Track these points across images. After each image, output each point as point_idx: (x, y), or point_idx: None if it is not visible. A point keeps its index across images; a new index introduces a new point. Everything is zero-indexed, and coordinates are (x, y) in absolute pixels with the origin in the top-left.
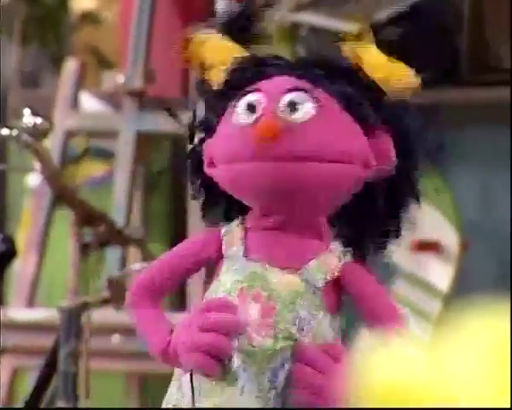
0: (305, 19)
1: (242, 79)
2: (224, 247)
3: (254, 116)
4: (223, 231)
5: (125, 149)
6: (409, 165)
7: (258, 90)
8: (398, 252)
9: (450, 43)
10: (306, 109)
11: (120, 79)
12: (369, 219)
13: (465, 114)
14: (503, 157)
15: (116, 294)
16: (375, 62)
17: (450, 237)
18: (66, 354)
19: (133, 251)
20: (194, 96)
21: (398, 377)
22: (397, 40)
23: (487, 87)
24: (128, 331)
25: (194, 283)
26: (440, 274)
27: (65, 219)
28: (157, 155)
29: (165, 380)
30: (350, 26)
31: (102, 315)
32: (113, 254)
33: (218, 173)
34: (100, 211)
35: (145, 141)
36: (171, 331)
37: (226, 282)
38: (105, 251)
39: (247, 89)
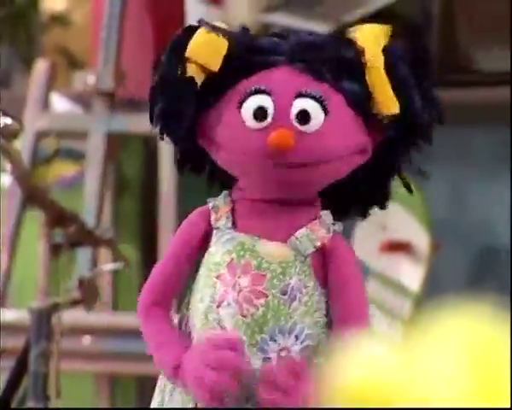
0: (275, 20)
1: (243, 68)
2: (212, 220)
3: (266, 122)
4: (210, 205)
5: (95, 149)
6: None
7: (266, 91)
8: (369, 252)
9: (420, 43)
10: (317, 120)
11: (91, 79)
12: (355, 186)
13: None
14: (473, 158)
15: (87, 294)
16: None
17: (420, 238)
18: (37, 354)
19: (104, 252)
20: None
21: (368, 378)
22: None
23: (458, 88)
24: (99, 332)
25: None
26: (411, 275)
27: (35, 219)
28: (128, 156)
29: (135, 381)
30: (321, 27)
31: (73, 316)
32: (83, 254)
33: (222, 157)
34: (70, 212)
35: (116, 142)
36: (184, 348)
37: (216, 253)
38: (76, 252)
39: (255, 86)
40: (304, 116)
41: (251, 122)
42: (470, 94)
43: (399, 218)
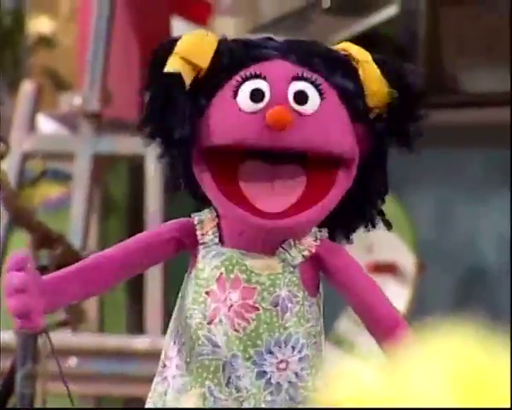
0: None
1: (236, 62)
2: (198, 235)
3: (263, 103)
4: (195, 220)
5: (82, 171)
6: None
7: (260, 76)
8: None
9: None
10: (314, 101)
11: (77, 101)
12: (344, 205)
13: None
14: (459, 179)
15: (73, 316)
16: (370, 71)
17: (406, 259)
18: (23, 376)
19: None
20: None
21: (354, 399)
22: None
23: (444, 109)
24: (85, 354)
25: (151, 306)
26: (397, 296)
27: (22, 240)
28: (114, 177)
29: (121, 403)
30: None
31: (59, 338)
32: None
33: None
34: (57, 233)
35: (102, 163)
36: None
37: (204, 269)
38: None
39: (248, 72)
40: (301, 97)
41: (248, 105)
42: (456, 115)
43: (385, 239)
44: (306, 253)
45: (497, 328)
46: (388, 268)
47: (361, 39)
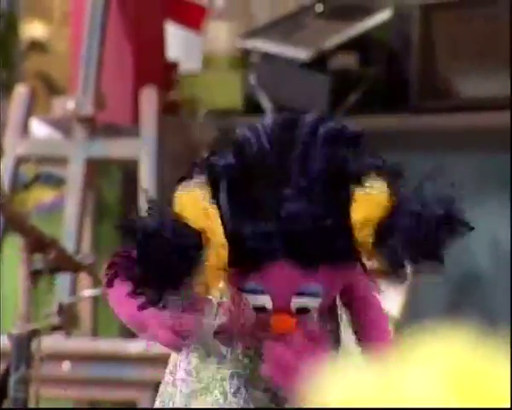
0: (256, 45)
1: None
2: None
3: (266, 313)
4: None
5: (75, 175)
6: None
7: (264, 291)
8: None
9: (400, 69)
10: (315, 306)
11: (71, 105)
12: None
13: (414, 140)
14: (453, 185)
15: (67, 320)
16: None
17: None
18: (17, 380)
19: (83, 278)
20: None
21: (348, 402)
22: (348, 68)
23: (437, 114)
24: (78, 358)
25: None
26: (391, 300)
27: (15, 245)
28: (107, 182)
29: (115, 407)
30: (299, 53)
31: (53, 342)
32: (63, 280)
33: None
34: (50, 237)
35: (95, 167)
36: None
37: None
38: (55, 277)
39: (253, 285)
40: (302, 311)
41: (251, 309)
42: (450, 120)
43: None
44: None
45: (492, 332)
46: (382, 272)
47: (354, 44)
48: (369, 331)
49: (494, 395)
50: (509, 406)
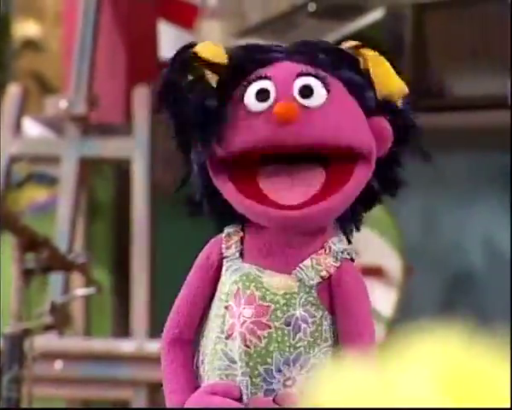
0: None
1: (245, 67)
2: (223, 248)
3: (269, 102)
4: (224, 233)
5: (68, 174)
6: (400, 150)
7: (266, 77)
8: None
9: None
10: (320, 94)
11: (63, 104)
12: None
13: None
14: (446, 182)
15: (59, 320)
16: (377, 63)
17: (393, 262)
18: (9, 379)
19: (76, 277)
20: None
21: (342, 402)
22: None
23: (430, 113)
24: (71, 357)
25: (138, 310)
26: (384, 299)
27: (8, 244)
28: (100, 181)
29: (108, 406)
30: None
31: (45, 341)
32: (55, 279)
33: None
34: (43, 236)
35: (88, 166)
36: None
37: (226, 283)
38: (48, 277)
39: (253, 76)
40: (306, 90)
41: (254, 106)
42: (442, 119)
43: (372, 243)
44: (324, 273)
45: (485, 330)
46: (375, 272)
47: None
48: (346, 342)
49: (488, 394)
50: (508, 405)
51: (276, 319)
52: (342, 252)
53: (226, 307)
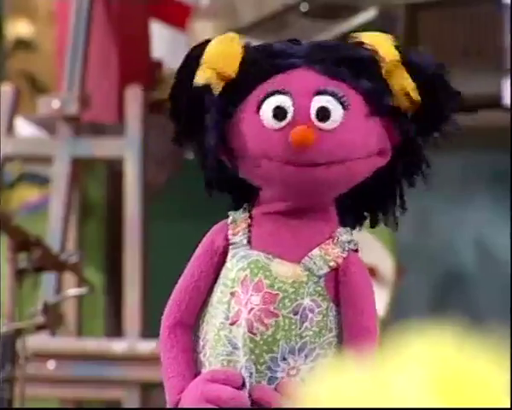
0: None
1: (262, 71)
2: (229, 235)
3: (286, 121)
4: (229, 219)
5: (60, 174)
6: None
7: (284, 91)
8: None
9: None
10: (337, 116)
11: (56, 104)
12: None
13: None
14: (438, 183)
15: (51, 319)
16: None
17: (385, 262)
18: (2, 379)
19: (68, 277)
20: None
21: (335, 400)
22: None
23: None
24: (63, 357)
25: (130, 310)
26: (377, 299)
27: (0, 244)
28: (92, 180)
29: (100, 406)
30: None
31: (38, 341)
32: (48, 279)
33: (244, 165)
34: (35, 236)
35: (81, 166)
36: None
37: (232, 270)
38: (40, 276)
39: (273, 88)
40: (323, 113)
41: (270, 122)
42: None
43: (364, 242)
44: (332, 264)
45: (476, 330)
46: (368, 272)
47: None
48: (351, 333)
49: (479, 393)
50: (507, 405)
51: (284, 308)
52: (349, 242)
53: (232, 294)
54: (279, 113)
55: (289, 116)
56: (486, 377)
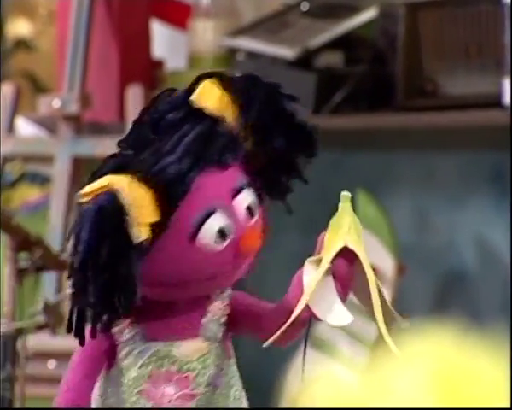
0: (242, 44)
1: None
2: (116, 333)
3: (229, 239)
4: (104, 321)
5: (61, 173)
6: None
7: (213, 208)
8: None
9: (385, 68)
10: (257, 204)
11: (56, 103)
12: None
13: (401, 139)
14: (438, 181)
15: (52, 319)
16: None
17: (385, 261)
18: (2, 379)
19: None
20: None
21: (335, 401)
22: (333, 66)
23: (423, 112)
24: (64, 357)
25: None
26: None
27: (1, 243)
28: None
29: None
30: (286, 52)
31: (38, 341)
32: (49, 279)
33: (171, 292)
34: (36, 236)
35: (81, 165)
36: None
37: (131, 368)
38: (41, 276)
39: (197, 215)
40: (250, 211)
41: (215, 246)
42: (435, 118)
43: (364, 241)
44: (223, 319)
45: (476, 329)
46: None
47: (340, 43)
48: (267, 319)
49: (479, 392)
50: (508, 405)
51: (199, 386)
52: (222, 292)
53: (139, 393)
54: (222, 234)
55: (231, 232)
56: (486, 376)
